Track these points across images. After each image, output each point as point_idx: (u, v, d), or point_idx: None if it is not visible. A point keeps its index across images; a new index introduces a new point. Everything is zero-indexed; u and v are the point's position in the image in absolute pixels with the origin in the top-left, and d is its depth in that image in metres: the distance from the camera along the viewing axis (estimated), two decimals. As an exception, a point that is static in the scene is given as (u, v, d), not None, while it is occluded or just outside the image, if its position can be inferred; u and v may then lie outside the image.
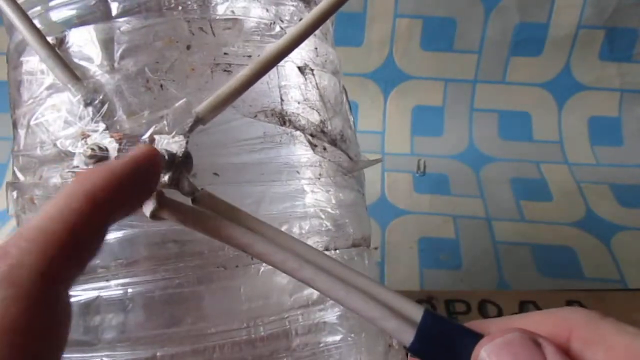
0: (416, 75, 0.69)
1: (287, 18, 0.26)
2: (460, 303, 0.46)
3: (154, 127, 0.20)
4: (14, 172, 0.25)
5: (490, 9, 0.65)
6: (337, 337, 0.23)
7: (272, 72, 0.24)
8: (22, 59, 0.25)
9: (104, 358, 0.21)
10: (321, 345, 0.23)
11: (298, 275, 0.18)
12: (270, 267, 0.22)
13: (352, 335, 0.23)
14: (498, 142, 0.69)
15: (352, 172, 0.27)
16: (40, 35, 0.22)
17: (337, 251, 0.25)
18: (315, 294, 0.23)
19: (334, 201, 0.25)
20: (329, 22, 0.30)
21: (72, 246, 0.14)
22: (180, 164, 0.20)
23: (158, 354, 0.21)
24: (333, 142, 0.26)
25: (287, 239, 0.19)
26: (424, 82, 0.69)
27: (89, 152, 0.20)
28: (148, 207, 0.19)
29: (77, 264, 0.15)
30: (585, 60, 0.68)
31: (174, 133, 0.20)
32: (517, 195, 0.62)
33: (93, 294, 0.21)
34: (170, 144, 0.20)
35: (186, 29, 0.23)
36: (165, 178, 0.19)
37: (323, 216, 0.25)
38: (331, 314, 0.23)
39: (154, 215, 0.19)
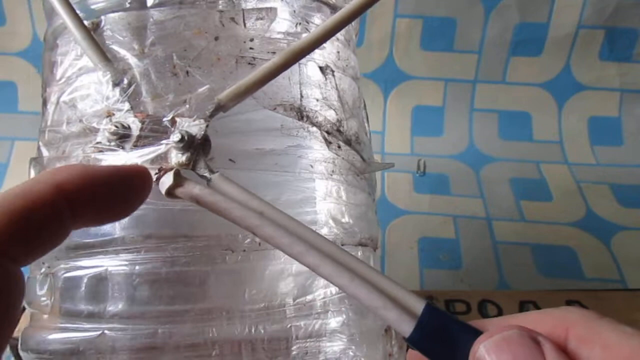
0: (416, 75, 0.69)
1: (314, 23, 0.26)
2: (460, 303, 0.46)
3: (175, 109, 0.21)
4: (38, 148, 0.25)
5: (490, 9, 0.65)
6: (337, 345, 0.23)
7: (294, 69, 0.25)
8: (57, 41, 0.26)
9: (106, 331, 0.21)
10: (321, 351, 0.23)
11: (303, 260, 0.18)
12: (276, 269, 0.23)
13: (353, 343, 0.23)
14: (498, 142, 0.69)
15: (364, 173, 0.28)
16: (77, 18, 0.23)
17: (344, 247, 0.25)
18: (318, 299, 0.24)
19: (345, 204, 0.26)
20: (352, 31, 0.31)
21: (24, 223, 0.14)
22: (199, 146, 0.20)
23: (160, 330, 0.21)
24: (348, 142, 0.26)
25: (296, 225, 0.19)
26: (424, 82, 0.69)
27: (113, 129, 0.21)
28: (164, 185, 0.19)
29: (28, 244, 0.15)
30: (585, 60, 0.68)
31: (195, 117, 0.21)
32: (517, 195, 0.62)
33: (101, 268, 0.22)
34: (190, 126, 0.21)
35: (217, 19, 0.24)
36: (184, 158, 0.20)
37: (333, 224, 0.25)
38: (333, 321, 0.23)
39: (169, 193, 0.19)
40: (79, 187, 0.16)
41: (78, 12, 0.24)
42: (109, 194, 0.17)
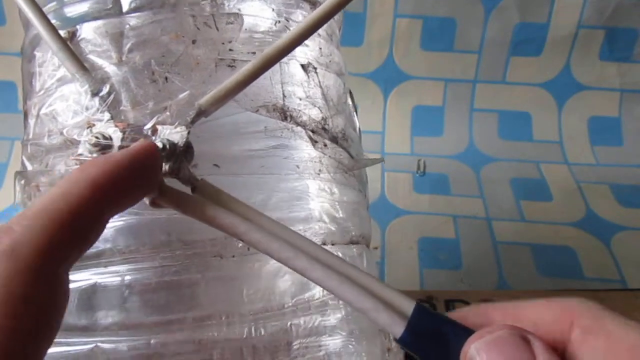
0: (416, 75, 0.69)
1: (295, 20, 0.26)
2: (460, 303, 0.46)
3: (156, 117, 0.21)
4: (22, 162, 0.25)
5: (490, 9, 0.65)
6: (338, 340, 0.23)
7: (275, 69, 0.24)
8: (35, 52, 0.26)
9: (98, 344, 0.21)
10: (322, 348, 0.23)
11: (292, 265, 0.18)
12: (272, 268, 0.23)
13: (352, 338, 0.23)
14: (498, 142, 0.69)
15: (352, 170, 0.27)
16: (52, 28, 0.23)
17: (335, 246, 0.25)
18: (317, 296, 0.24)
19: (337, 202, 0.25)
20: (335, 25, 0.30)
21: (72, 227, 0.15)
22: (181, 153, 0.20)
23: (152, 341, 0.21)
24: (334, 140, 0.26)
25: (283, 230, 0.19)
26: (424, 82, 0.69)
27: (93, 140, 0.20)
28: (148, 195, 0.19)
29: (76, 246, 0.16)
30: (585, 60, 0.68)
31: (176, 124, 0.21)
32: (517, 195, 0.62)
33: (92, 280, 0.22)
34: (172, 134, 0.20)
35: (192, 24, 0.23)
36: (166, 167, 0.20)
37: (327, 220, 0.25)
38: (332, 317, 0.23)
39: (154, 203, 0.19)
40: (108, 179, 0.16)
41: (54, 20, 0.24)
42: (134, 178, 0.18)
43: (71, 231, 0.15)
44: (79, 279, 0.22)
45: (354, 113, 0.30)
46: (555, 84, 0.69)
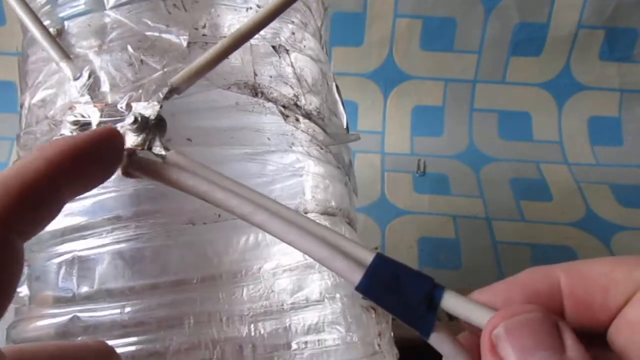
0: (416, 75, 0.69)
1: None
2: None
3: (129, 94, 0.22)
4: (17, 153, 0.27)
5: (490, 9, 0.65)
6: (336, 335, 0.23)
7: (246, 49, 0.26)
8: (28, 51, 0.28)
9: (77, 314, 0.22)
10: (320, 344, 0.23)
11: (252, 220, 0.19)
12: (271, 269, 0.23)
13: (350, 332, 0.24)
14: (498, 142, 0.69)
15: (327, 145, 0.28)
16: (40, 24, 0.25)
17: (309, 215, 0.25)
18: (315, 293, 0.24)
19: (310, 174, 0.26)
20: (311, 15, 0.31)
21: (26, 198, 0.16)
22: (153, 127, 0.21)
23: (127, 309, 0.22)
24: (307, 116, 0.27)
25: (246, 190, 0.20)
26: (424, 82, 0.69)
27: (73, 118, 0.22)
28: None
29: (30, 218, 0.16)
30: (585, 60, 0.68)
31: (149, 100, 0.22)
32: (517, 195, 0.62)
33: (73, 252, 0.23)
34: (144, 108, 0.22)
35: (163, 8, 0.25)
36: (139, 139, 0.21)
37: (301, 189, 0.25)
38: (330, 313, 0.24)
39: (125, 172, 0.20)
40: (66, 158, 0.17)
41: (48, 21, 0.26)
42: (93, 159, 0.18)
43: (25, 203, 0.15)
44: (62, 251, 0.23)
45: (340, 103, 0.31)
46: (555, 84, 0.69)
